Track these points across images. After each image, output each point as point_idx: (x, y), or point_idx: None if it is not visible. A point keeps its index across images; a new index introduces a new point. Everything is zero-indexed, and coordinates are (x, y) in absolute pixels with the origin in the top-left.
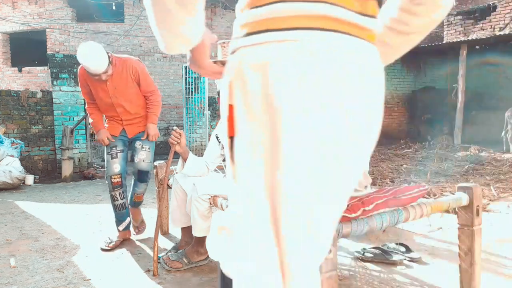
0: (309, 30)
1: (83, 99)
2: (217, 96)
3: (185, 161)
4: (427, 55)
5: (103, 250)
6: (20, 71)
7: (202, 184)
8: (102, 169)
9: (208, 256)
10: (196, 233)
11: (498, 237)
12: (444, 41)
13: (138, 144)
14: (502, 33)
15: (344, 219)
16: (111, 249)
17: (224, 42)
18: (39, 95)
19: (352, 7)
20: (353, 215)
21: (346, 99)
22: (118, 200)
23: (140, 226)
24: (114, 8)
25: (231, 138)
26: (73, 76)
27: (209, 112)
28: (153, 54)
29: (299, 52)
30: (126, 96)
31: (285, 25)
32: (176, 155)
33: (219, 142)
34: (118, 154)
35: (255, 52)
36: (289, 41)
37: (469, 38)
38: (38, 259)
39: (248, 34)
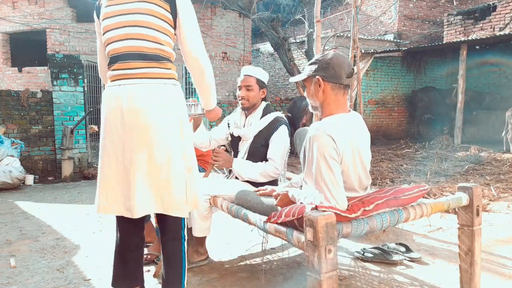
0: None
1: (83, 99)
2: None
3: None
4: (427, 55)
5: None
6: (20, 71)
7: (202, 185)
8: None
9: (208, 256)
10: (196, 233)
11: (498, 237)
12: (444, 41)
13: None
14: (502, 33)
15: (344, 219)
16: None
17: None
18: (39, 95)
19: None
20: (353, 215)
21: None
22: None
23: (150, 254)
24: None
25: None
26: (73, 76)
27: None
28: None
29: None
30: None
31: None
32: None
33: (228, 127)
34: None
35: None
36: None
37: (469, 38)
38: (38, 259)
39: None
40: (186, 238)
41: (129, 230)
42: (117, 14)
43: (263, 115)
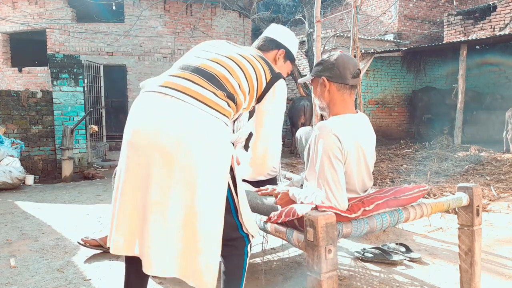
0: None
1: (83, 99)
2: None
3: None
4: (427, 55)
5: (79, 243)
6: (20, 71)
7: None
8: (102, 169)
9: None
10: None
11: (498, 237)
12: (444, 41)
13: None
14: (502, 33)
15: (345, 219)
16: (84, 245)
17: None
18: (39, 95)
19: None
20: (354, 215)
21: None
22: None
23: None
24: (114, 8)
25: None
26: (73, 76)
27: None
28: (153, 54)
29: None
30: None
31: None
32: None
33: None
34: None
35: None
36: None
37: (469, 38)
38: (38, 259)
39: None
40: (249, 254)
41: (135, 271)
42: (223, 48)
43: (250, 117)
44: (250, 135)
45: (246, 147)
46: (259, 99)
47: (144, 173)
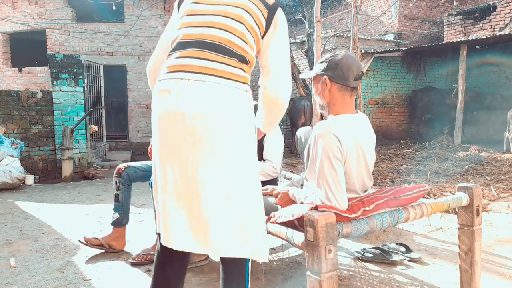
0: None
1: (83, 99)
2: None
3: None
4: (427, 55)
5: (80, 242)
6: (20, 71)
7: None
8: (102, 169)
9: (208, 256)
10: None
11: (498, 237)
12: (444, 41)
13: None
14: (502, 33)
15: (345, 219)
16: (86, 244)
17: None
18: (39, 95)
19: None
20: (354, 215)
21: None
22: (114, 190)
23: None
24: (114, 8)
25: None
26: (73, 76)
27: None
28: None
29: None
30: None
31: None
32: None
33: None
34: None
35: None
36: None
37: (469, 38)
38: (38, 259)
39: None
40: (250, 271)
41: (171, 258)
42: (210, 3)
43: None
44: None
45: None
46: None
47: (179, 157)
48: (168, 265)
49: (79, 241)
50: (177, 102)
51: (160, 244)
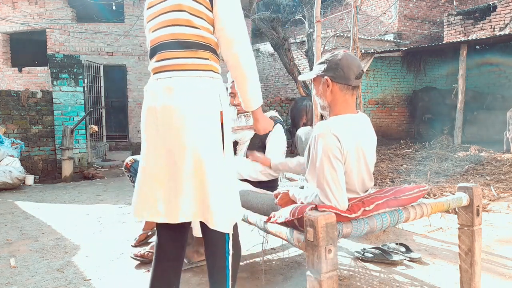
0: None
1: (83, 99)
2: None
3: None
4: (427, 55)
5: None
6: (20, 71)
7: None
8: (102, 169)
9: None
10: (196, 233)
11: (498, 237)
12: (444, 41)
13: None
14: (502, 33)
15: (345, 219)
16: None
17: None
18: (39, 95)
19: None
20: (354, 215)
21: None
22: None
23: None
24: (114, 8)
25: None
26: (73, 76)
27: None
28: None
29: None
30: None
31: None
32: None
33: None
34: None
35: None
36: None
37: (469, 38)
38: (38, 259)
39: None
40: (230, 252)
41: (168, 236)
42: (157, 3)
43: (249, 148)
44: (255, 136)
45: (250, 148)
46: (211, 9)
47: (158, 144)
48: (164, 257)
49: (131, 257)
50: (153, 98)
51: (157, 238)
